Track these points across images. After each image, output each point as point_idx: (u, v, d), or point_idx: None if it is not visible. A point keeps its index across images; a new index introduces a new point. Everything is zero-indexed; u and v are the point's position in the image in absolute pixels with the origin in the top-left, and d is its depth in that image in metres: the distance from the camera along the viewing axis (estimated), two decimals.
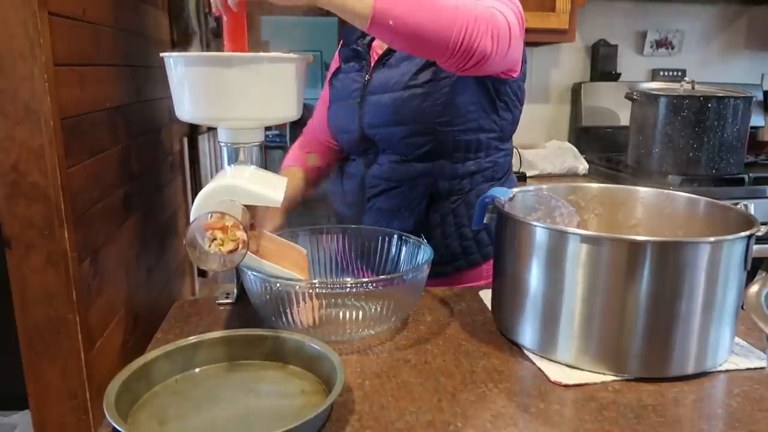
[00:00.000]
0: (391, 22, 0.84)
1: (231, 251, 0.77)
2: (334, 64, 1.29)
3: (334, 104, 1.24)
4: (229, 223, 0.77)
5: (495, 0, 0.97)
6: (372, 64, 1.17)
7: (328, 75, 1.30)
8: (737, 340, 0.86)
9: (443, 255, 1.15)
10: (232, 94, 0.82)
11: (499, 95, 1.12)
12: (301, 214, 1.28)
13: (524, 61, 1.14)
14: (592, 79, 2.70)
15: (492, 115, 1.13)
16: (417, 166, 1.12)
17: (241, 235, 0.77)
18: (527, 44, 1.08)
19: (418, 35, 0.86)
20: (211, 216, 0.77)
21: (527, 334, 0.84)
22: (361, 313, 0.86)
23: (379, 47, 1.18)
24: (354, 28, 0.87)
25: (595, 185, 1.05)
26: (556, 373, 0.78)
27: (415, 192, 1.13)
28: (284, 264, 0.87)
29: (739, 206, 0.87)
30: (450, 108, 1.08)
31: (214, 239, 0.77)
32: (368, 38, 1.21)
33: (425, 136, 1.10)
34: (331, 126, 1.26)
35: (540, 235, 0.80)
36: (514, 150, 2.32)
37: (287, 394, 0.75)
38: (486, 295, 1.02)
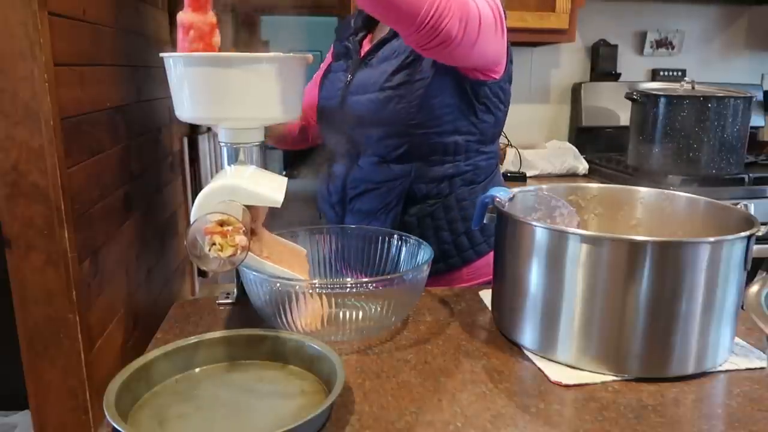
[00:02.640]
0: None
1: (230, 256, 0.77)
2: (328, 60, 1.29)
3: (321, 102, 1.24)
4: (229, 228, 0.76)
5: None
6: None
7: (321, 68, 1.30)
8: (737, 340, 0.86)
9: None
10: (232, 94, 0.82)
11: (478, 97, 1.10)
12: (294, 214, 1.28)
13: (510, 62, 1.12)
14: (592, 79, 2.70)
15: (470, 118, 1.11)
16: (394, 167, 1.12)
17: (240, 240, 0.76)
18: (527, 44, 1.07)
19: (389, 1, 0.85)
20: (211, 220, 0.77)
21: (527, 334, 0.84)
22: (361, 313, 0.86)
23: (368, 46, 1.18)
24: (348, 24, 0.87)
25: (595, 185, 1.05)
26: (556, 373, 0.78)
27: (392, 193, 1.12)
28: (284, 264, 0.87)
29: (739, 206, 0.87)
30: (424, 110, 1.07)
31: (214, 244, 0.77)
32: (360, 36, 1.20)
33: (400, 138, 1.09)
34: (318, 123, 1.26)
35: (540, 235, 0.80)
36: (514, 150, 2.35)
37: (287, 394, 0.75)
38: (486, 295, 1.02)
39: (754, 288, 0.79)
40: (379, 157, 1.13)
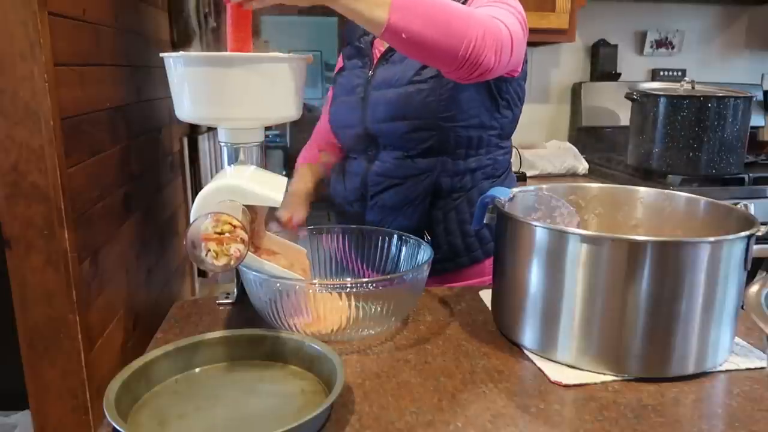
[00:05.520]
0: (404, 35, 0.85)
1: (224, 265, 0.76)
2: (339, 65, 1.30)
3: (336, 101, 1.25)
4: (226, 235, 0.76)
5: (500, 8, 0.98)
6: (375, 61, 1.18)
7: (334, 75, 1.31)
8: (737, 340, 0.86)
9: (446, 252, 1.15)
10: (232, 94, 0.82)
11: (501, 93, 1.13)
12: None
13: (525, 61, 1.14)
14: (592, 79, 2.70)
15: (493, 113, 1.13)
16: (420, 162, 1.13)
17: (234, 251, 0.76)
18: (527, 44, 1.08)
19: (428, 48, 0.87)
20: (209, 224, 0.76)
21: (527, 334, 0.84)
22: (361, 313, 0.86)
23: (381, 44, 1.19)
24: (356, 26, 0.87)
25: (595, 185, 1.05)
26: (556, 373, 0.78)
27: (418, 188, 1.14)
28: (284, 264, 0.87)
29: (739, 206, 0.87)
30: (453, 104, 1.08)
31: (209, 250, 0.76)
32: (370, 36, 1.21)
33: (428, 131, 1.10)
34: (333, 123, 1.26)
35: (540, 235, 0.80)
36: (514, 150, 2.34)
37: (287, 394, 0.75)
38: (486, 295, 1.02)
39: (754, 288, 0.79)
40: (402, 152, 1.14)
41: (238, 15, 0.85)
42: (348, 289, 0.84)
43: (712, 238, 0.75)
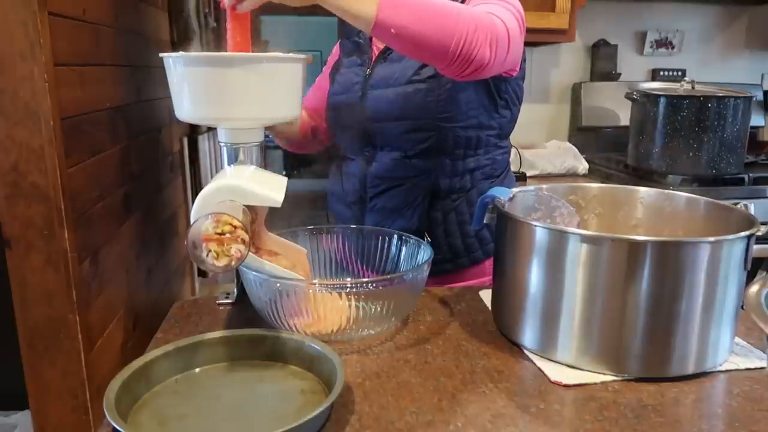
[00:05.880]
0: (393, 30, 0.85)
1: (225, 266, 0.76)
2: (333, 58, 1.29)
3: (334, 98, 1.24)
4: (227, 235, 0.76)
5: (497, 5, 0.97)
6: (373, 59, 1.17)
7: (328, 67, 1.30)
8: (737, 340, 0.86)
9: (446, 253, 1.15)
10: (232, 94, 0.82)
11: (500, 93, 1.12)
12: (300, 214, 1.28)
13: (523, 60, 1.14)
14: (592, 79, 2.69)
15: (492, 113, 1.13)
16: (418, 162, 1.13)
17: (235, 251, 0.76)
18: (527, 44, 1.08)
19: (418, 43, 0.87)
20: (210, 225, 0.76)
21: (527, 334, 0.84)
22: (361, 313, 0.86)
23: (380, 42, 1.19)
24: None
25: (595, 185, 1.05)
26: (556, 373, 0.78)
27: (417, 189, 1.14)
28: (284, 264, 0.87)
29: (739, 206, 0.87)
30: (452, 104, 1.08)
31: (210, 251, 0.76)
32: None
33: (426, 131, 1.10)
34: (330, 121, 1.25)
35: (540, 235, 0.80)
36: (514, 150, 2.34)
37: (287, 394, 0.75)
38: (486, 295, 1.02)
39: (754, 288, 0.79)
40: (401, 152, 1.13)
41: (236, 16, 0.85)
42: (348, 289, 0.84)
43: (712, 238, 0.75)
